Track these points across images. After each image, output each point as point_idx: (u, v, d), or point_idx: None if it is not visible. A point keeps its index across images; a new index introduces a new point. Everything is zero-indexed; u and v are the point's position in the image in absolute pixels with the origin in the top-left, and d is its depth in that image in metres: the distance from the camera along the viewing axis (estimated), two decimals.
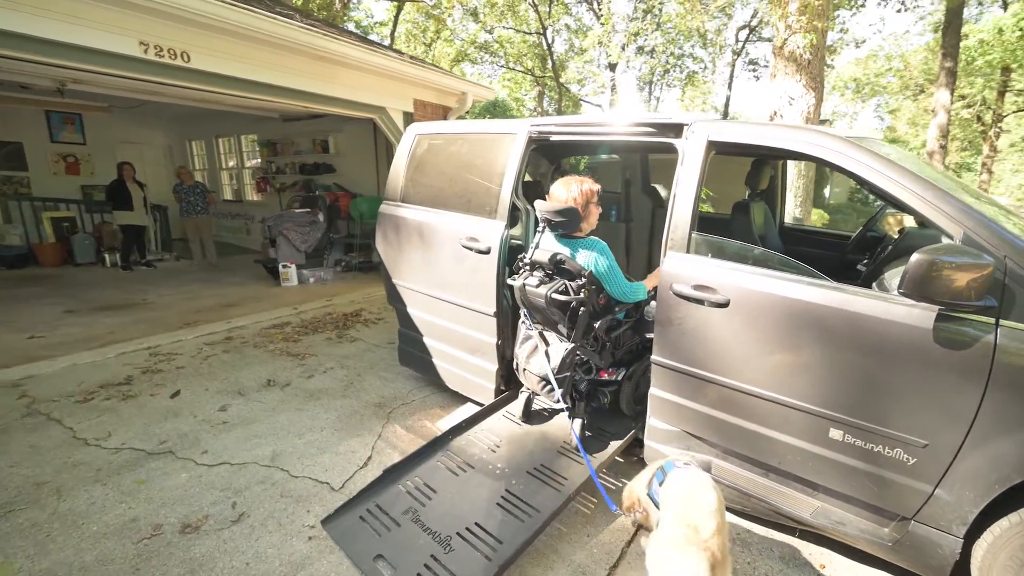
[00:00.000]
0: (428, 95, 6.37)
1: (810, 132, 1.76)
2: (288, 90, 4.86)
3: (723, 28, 20.13)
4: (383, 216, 3.25)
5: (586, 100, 25.82)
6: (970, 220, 1.39)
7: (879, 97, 23.98)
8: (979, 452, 1.38)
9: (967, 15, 13.05)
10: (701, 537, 1.32)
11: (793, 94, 5.14)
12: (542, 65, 21.63)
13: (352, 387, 3.36)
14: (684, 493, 1.50)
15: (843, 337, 1.57)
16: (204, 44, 4.14)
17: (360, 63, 5.04)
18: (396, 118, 6.03)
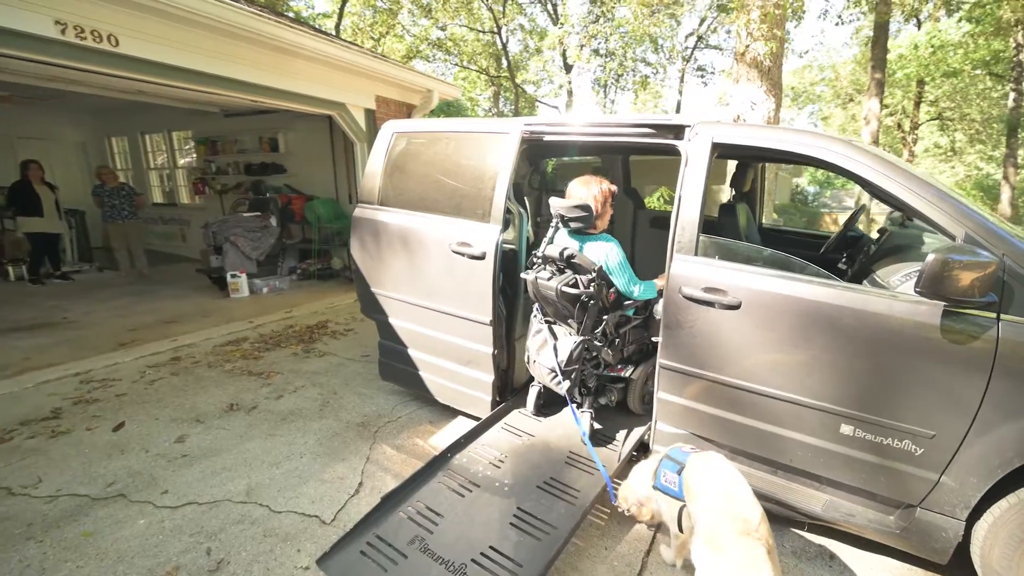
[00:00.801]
0: (392, 92, 6.22)
1: (816, 136, 1.87)
2: (236, 82, 4.57)
3: (673, 34, 21.11)
4: (359, 221, 3.12)
5: (542, 101, 26.24)
6: (971, 221, 1.53)
7: (813, 105, 26.07)
8: (983, 439, 1.52)
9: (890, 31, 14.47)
10: (752, 527, 1.38)
11: (755, 99, 5.47)
12: (497, 65, 21.75)
13: (329, 406, 3.20)
14: (718, 483, 1.56)
15: (854, 335, 1.67)
16: (136, 26, 3.79)
17: (318, 55, 4.83)
18: (357, 115, 5.84)
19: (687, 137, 2.11)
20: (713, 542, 1.42)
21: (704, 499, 1.54)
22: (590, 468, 2.27)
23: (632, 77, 24.40)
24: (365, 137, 6.06)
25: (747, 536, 1.37)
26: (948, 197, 1.58)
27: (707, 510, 1.51)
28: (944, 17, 16.35)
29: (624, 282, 2.38)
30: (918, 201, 1.61)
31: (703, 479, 1.61)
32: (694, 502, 1.60)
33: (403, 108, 6.55)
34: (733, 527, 1.40)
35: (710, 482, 1.59)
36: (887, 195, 1.68)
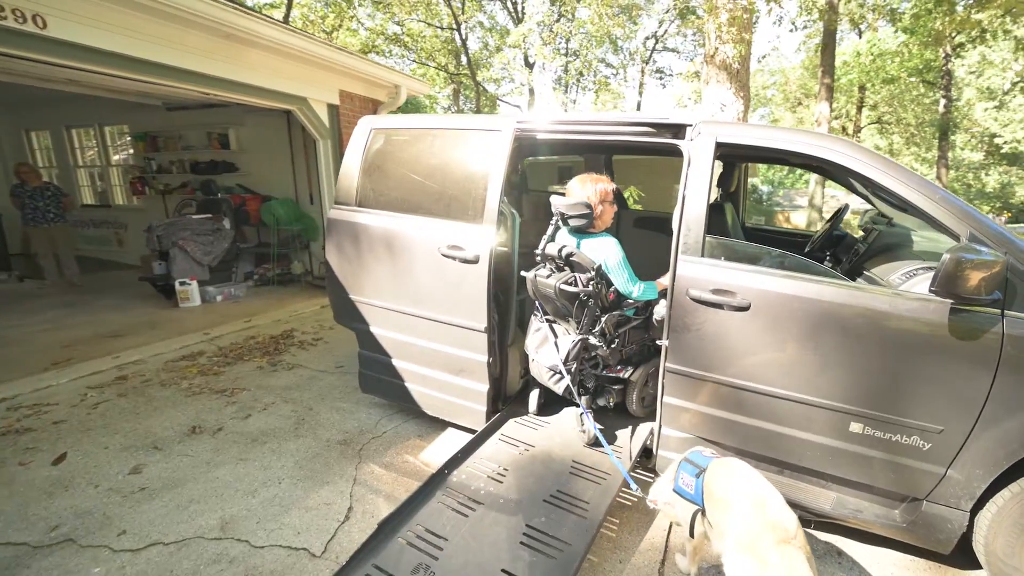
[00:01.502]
0: (357, 86, 6.01)
1: (819, 136, 1.93)
2: (184, 72, 4.25)
3: (632, 36, 21.65)
4: (335, 223, 2.97)
5: (504, 100, 26.30)
6: (974, 221, 1.61)
7: (764, 108, 27.50)
8: (989, 432, 1.60)
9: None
10: (791, 535, 1.39)
11: (725, 100, 5.67)
12: (456, 62, 21.57)
13: (305, 424, 3.02)
14: (750, 490, 1.57)
15: (864, 334, 1.73)
16: (67, 6, 3.44)
17: (278, 45, 4.58)
18: (319, 110, 5.59)
19: (689, 136, 2.12)
20: (752, 551, 1.42)
21: (736, 506, 1.54)
22: (597, 478, 2.24)
23: (593, 77, 24.93)
24: (328, 134, 5.82)
25: (787, 544, 1.38)
26: (952, 197, 1.66)
27: (741, 518, 1.50)
28: (882, 26, 17.63)
29: (623, 281, 2.41)
30: (923, 201, 1.68)
31: (732, 486, 1.61)
32: (720, 509, 1.59)
33: (368, 104, 6.35)
34: (772, 536, 1.41)
35: (741, 489, 1.59)
36: (891, 194, 1.75)
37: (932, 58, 17.02)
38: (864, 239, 2.63)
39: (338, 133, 5.94)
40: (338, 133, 5.94)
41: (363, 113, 6.30)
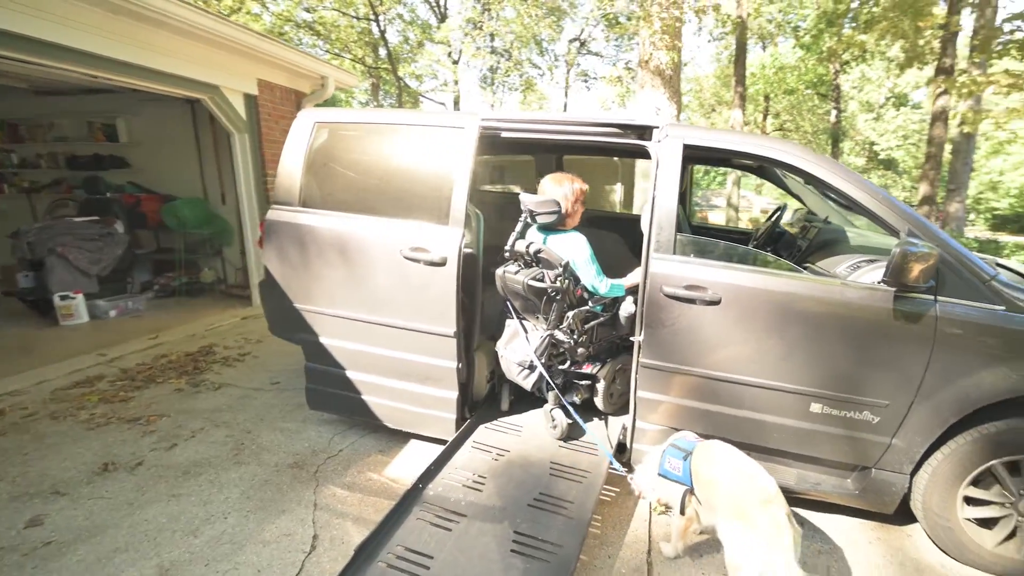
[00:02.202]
0: (278, 76, 5.66)
1: (778, 141, 2.16)
2: (70, 51, 3.77)
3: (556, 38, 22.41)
4: (275, 225, 2.80)
5: (428, 97, 26.01)
6: (911, 218, 1.90)
7: (683, 113, 29.75)
8: (926, 403, 1.89)
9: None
10: (772, 495, 1.63)
11: (660, 104, 6.08)
12: (375, 55, 20.99)
13: (245, 449, 2.80)
14: (733, 465, 1.80)
15: (822, 322, 1.97)
16: None
17: (189, 26, 4.19)
18: (235, 101, 5.20)
19: (656, 138, 2.27)
20: (740, 515, 1.62)
21: (723, 480, 1.75)
22: (577, 477, 2.32)
23: (519, 77, 25.44)
24: (246, 127, 5.43)
25: (769, 503, 1.60)
26: (892, 198, 1.95)
27: (728, 490, 1.71)
28: (782, 42, 19.82)
29: (591, 278, 2.53)
30: (869, 200, 1.95)
31: (717, 464, 1.81)
32: (708, 485, 1.78)
33: (291, 96, 6.01)
34: (756, 498, 1.63)
35: (725, 465, 1.80)
36: (840, 194, 2.01)
37: (824, 73, 19.42)
38: (803, 236, 2.97)
39: (257, 126, 5.57)
40: (257, 126, 5.57)
41: (285, 106, 5.96)
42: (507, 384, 2.91)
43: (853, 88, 24.03)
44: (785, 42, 19.77)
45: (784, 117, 23.23)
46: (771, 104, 22.36)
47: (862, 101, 24.72)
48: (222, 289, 6.42)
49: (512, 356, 2.67)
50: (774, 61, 19.56)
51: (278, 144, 5.87)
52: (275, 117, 5.87)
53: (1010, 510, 1.93)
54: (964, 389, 1.83)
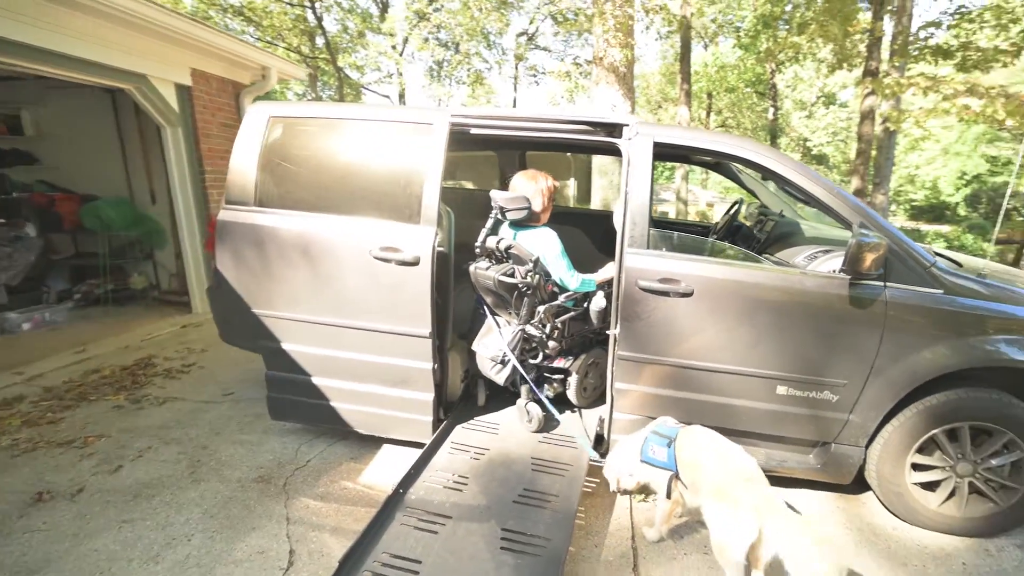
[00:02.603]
0: (214, 65, 5.37)
1: (741, 139, 2.32)
2: None
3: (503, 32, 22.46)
4: (229, 227, 2.69)
5: (370, 89, 25.39)
6: (862, 211, 2.10)
7: None
8: (879, 380, 2.10)
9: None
10: (754, 474, 1.81)
11: (615, 101, 6.28)
12: (311, 44, 20.24)
13: (202, 466, 2.67)
14: (715, 448, 1.95)
15: (786, 310, 2.14)
16: None
17: (110, 7, 3.91)
18: (165, 92, 4.89)
19: (626, 136, 2.37)
20: (724, 495, 1.76)
21: (707, 463, 1.89)
22: (559, 470, 2.39)
23: (467, 71, 25.31)
24: (179, 120, 5.12)
25: (752, 482, 1.76)
26: (844, 192, 2.14)
27: (711, 472, 1.85)
28: (723, 42, 20.89)
29: (561, 272, 2.63)
30: (824, 194, 2.14)
31: (700, 448, 1.95)
32: (692, 469, 1.91)
33: (228, 87, 5.73)
34: (739, 477, 1.78)
35: (708, 449, 1.94)
36: (798, 188, 2.19)
37: (762, 72, 20.67)
38: (760, 229, 3.19)
39: (192, 119, 5.26)
40: (192, 119, 5.26)
41: (222, 97, 5.68)
42: (482, 380, 2.97)
43: (787, 87, 25.72)
44: (726, 42, 20.89)
45: (726, 114, 24.52)
46: (714, 101, 23.56)
47: (796, 100, 26.49)
48: (155, 296, 6.04)
49: (485, 352, 2.73)
50: (716, 60, 20.63)
51: (216, 139, 5.61)
52: (212, 109, 5.58)
53: (950, 473, 2.18)
54: (911, 366, 2.06)
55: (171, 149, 5.23)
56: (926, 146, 22.47)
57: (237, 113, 5.97)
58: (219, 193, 5.65)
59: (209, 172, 5.52)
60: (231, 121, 5.87)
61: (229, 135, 5.78)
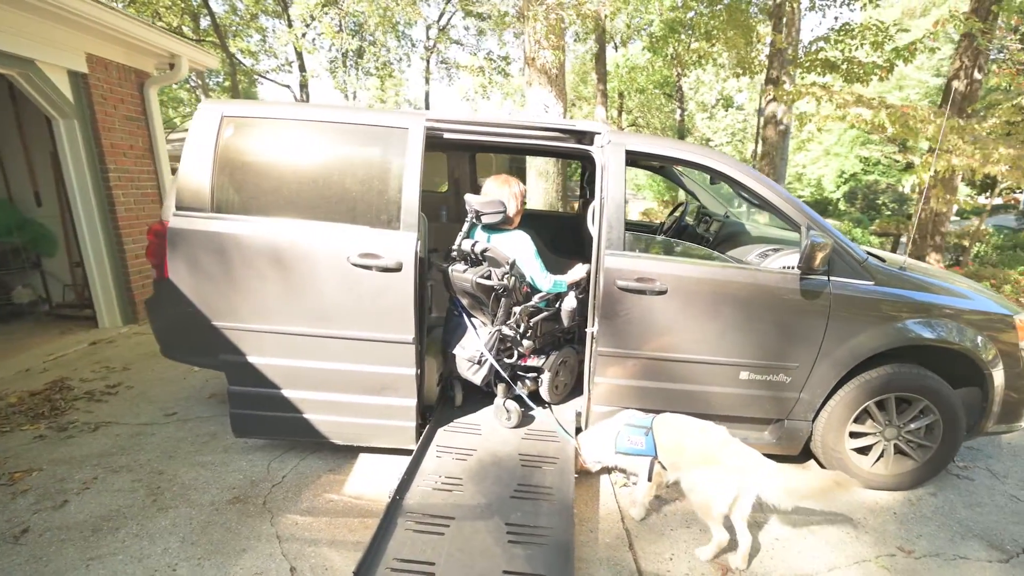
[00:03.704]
0: (115, 51, 4.87)
1: (704, 149, 2.60)
2: None
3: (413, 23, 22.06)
4: (183, 235, 2.53)
5: (268, 77, 23.88)
6: (807, 215, 2.45)
7: None
8: (825, 361, 2.48)
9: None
10: (727, 436, 2.22)
11: (548, 102, 6.51)
12: (195, 25, 18.64)
13: (164, 492, 2.51)
14: (690, 427, 2.28)
15: (747, 303, 2.44)
16: None
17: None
18: (57, 79, 4.38)
19: (598, 144, 2.57)
20: (707, 460, 2.11)
21: (687, 443, 2.21)
22: (548, 463, 2.55)
23: (375, 61, 24.56)
24: (74, 111, 4.60)
25: (728, 443, 2.15)
26: (793, 197, 2.48)
27: (691, 446, 2.17)
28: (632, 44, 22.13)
29: (536, 274, 2.80)
30: (776, 199, 2.47)
31: (677, 430, 2.29)
32: (673, 449, 2.22)
33: (131, 75, 5.22)
34: (716, 442, 2.15)
35: (683, 429, 2.28)
36: (753, 194, 2.50)
37: (669, 75, 22.17)
38: (707, 229, 3.55)
39: (90, 111, 4.75)
40: (90, 111, 4.75)
41: (125, 87, 5.18)
42: (457, 381, 3.08)
43: (691, 90, 27.79)
44: (635, 44, 22.15)
45: (636, 114, 26.00)
46: (625, 101, 24.89)
47: (698, 102, 28.70)
48: (47, 311, 5.40)
49: (462, 353, 2.84)
50: (627, 62, 21.81)
51: (119, 133, 5.13)
52: (113, 101, 5.07)
53: (879, 437, 2.63)
54: (850, 348, 2.45)
55: (66, 145, 4.71)
56: (811, 147, 25.39)
57: (143, 106, 5.49)
58: (126, 195, 5.17)
59: (114, 171, 5.04)
60: (136, 115, 5.40)
61: (134, 130, 5.31)
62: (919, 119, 5.97)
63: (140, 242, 5.28)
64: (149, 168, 5.60)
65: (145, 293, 5.35)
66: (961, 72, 7.27)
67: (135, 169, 5.37)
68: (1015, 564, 2.25)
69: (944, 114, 6.09)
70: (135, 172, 5.37)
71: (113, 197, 5.03)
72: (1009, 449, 3.27)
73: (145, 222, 5.39)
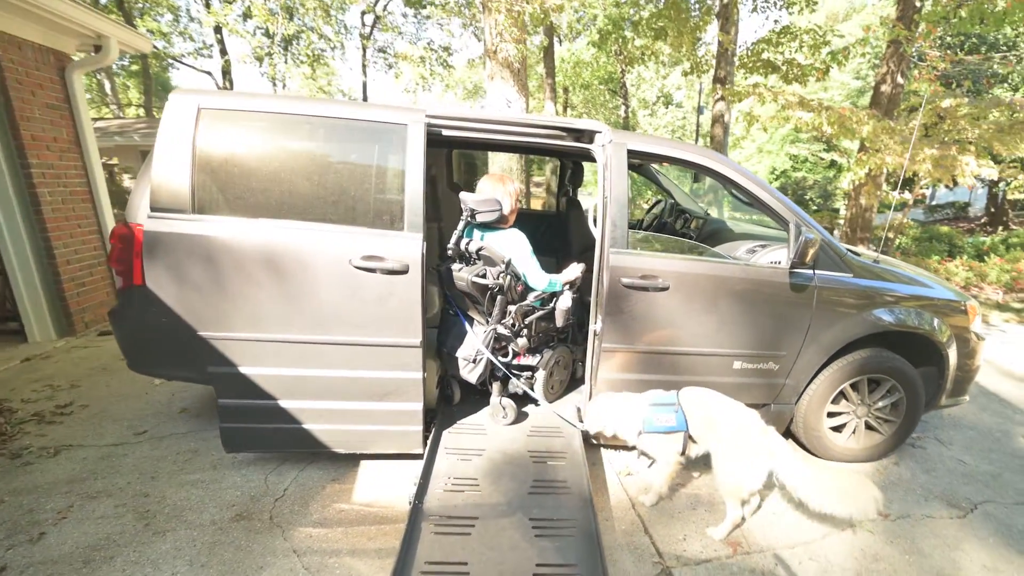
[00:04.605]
0: (27, 29, 4.45)
1: (702, 149, 2.79)
2: None
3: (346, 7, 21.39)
4: (163, 239, 2.41)
5: (183, 62, 22.46)
6: (796, 212, 2.70)
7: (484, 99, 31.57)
8: (810, 348, 2.75)
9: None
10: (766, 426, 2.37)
11: (510, 97, 6.60)
12: (94, 1, 17.18)
13: (157, 515, 2.40)
14: (719, 405, 2.45)
15: (743, 297, 2.66)
16: None
17: None
18: None
19: (599, 143, 2.70)
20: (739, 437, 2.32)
21: (719, 417, 2.40)
22: (559, 458, 2.67)
23: (303, 46, 23.58)
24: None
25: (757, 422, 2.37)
26: (783, 196, 2.73)
27: (724, 422, 2.38)
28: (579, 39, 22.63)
29: (532, 273, 2.90)
30: (768, 198, 2.70)
31: (708, 406, 2.46)
32: (706, 424, 2.41)
33: (51, 59, 4.79)
34: (747, 421, 2.36)
35: (714, 405, 2.46)
36: (747, 193, 2.72)
37: (614, 71, 22.88)
38: (687, 226, 3.79)
39: (3, 97, 4.35)
40: (3, 97, 4.35)
41: (43, 71, 4.76)
42: (454, 381, 3.15)
43: (632, 86, 28.83)
44: (579, 39, 22.66)
45: (581, 109, 26.64)
46: (570, 96, 25.43)
47: (640, 99, 29.83)
48: None
49: (458, 352, 2.93)
50: (572, 56, 22.27)
51: (39, 123, 4.76)
52: (30, 86, 4.65)
53: (852, 416, 2.95)
54: (832, 335, 2.74)
55: None
56: (744, 144, 27.03)
57: (66, 92, 5.07)
58: (53, 193, 4.77)
59: (36, 166, 4.64)
60: (58, 102, 4.98)
61: (57, 120, 4.91)
62: (855, 121, 6.59)
63: (72, 246, 4.90)
64: (77, 163, 5.17)
65: (82, 302, 4.98)
66: (888, 76, 8.06)
67: (61, 164, 4.95)
68: (971, 519, 2.62)
69: (876, 116, 6.76)
70: (61, 168, 4.95)
71: (38, 196, 4.63)
72: (949, 420, 3.75)
73: (76, 223, 5.00)
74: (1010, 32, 13.00)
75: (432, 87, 24.57)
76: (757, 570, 2.20)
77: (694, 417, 2.42)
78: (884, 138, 6.64)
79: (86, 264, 5.10)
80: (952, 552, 2.38)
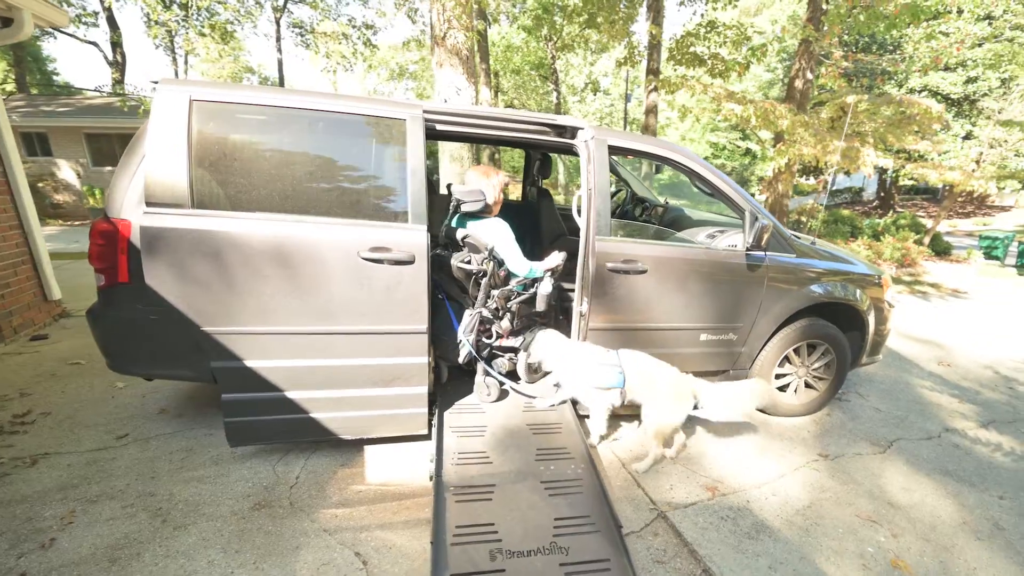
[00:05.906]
0: None
1: (672, 145, 3.18)
2: None
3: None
4: (161, 235, 2.44)
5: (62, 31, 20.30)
6: (749, 201, 3.16)
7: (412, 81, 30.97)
8: (763, 319, 3.25)
9: None
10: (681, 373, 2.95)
11: (460, 85, 6.74)
12: None
13: (170, 512, 2.46)
14: (654, 364, 2.97)
15: (709, 276, 3.10)
16: None
17: None
18: None
19: (581, 138, 3.02)
20: (671, 390, 2.89)
21: (656, 376, 2.91)
22: (555, 429, 2.99)
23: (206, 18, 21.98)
24: None
25: (682, 375, 2.94)
26: (739, 187, 3.18)
27: (660, 379, 2.90)
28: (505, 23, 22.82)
29: (514, 260, 3.16)
30: (727, 188, 3.15)
31: (644, 366, 2.94)
32: (645, 384, 2.89)
33: None
34: (676, 375, 2.93)
35: (648, 365, 2.96)
36: (709, 184, 3.15)
37: (544, 57, 23.34)
38: (649, 214, 4.22)
39: None
40: None
41: None
42: (442, 360, 3.39)
43: (561, 72, 29.52)
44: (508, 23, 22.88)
45: (512, 95, 26.95)
46: (500, 82, 25.65)
47: (569, 85, 30.62)
48: None
49: (447, 335, 3.17)
50: (503, 40, 22.48)
51: None
52: None
53: (794, 376, 3.51)
54: (780, 307, 3.26)
55: None
56: (668, 132, 28.64)
57: None
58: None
59: None
60: None
61: None
62: (777, 115, 7.40)
63: None
64: None
65: (7, 304, 4.64)
66: (800, 73, 9.04)
67: None
68: (889, 453, 3.26)
69: (793, 110, 7.61)
70: None
71: None
72: (865, 376, 4.49)
73: None
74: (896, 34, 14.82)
75: (354, 67, 23.82)
76: (734, 507, 2.65)
77: (633, 375, 2.87)
78: (800, 131, 7.51)
79: (8, 263, 4.73)
80: (878, 479, 2.98)
